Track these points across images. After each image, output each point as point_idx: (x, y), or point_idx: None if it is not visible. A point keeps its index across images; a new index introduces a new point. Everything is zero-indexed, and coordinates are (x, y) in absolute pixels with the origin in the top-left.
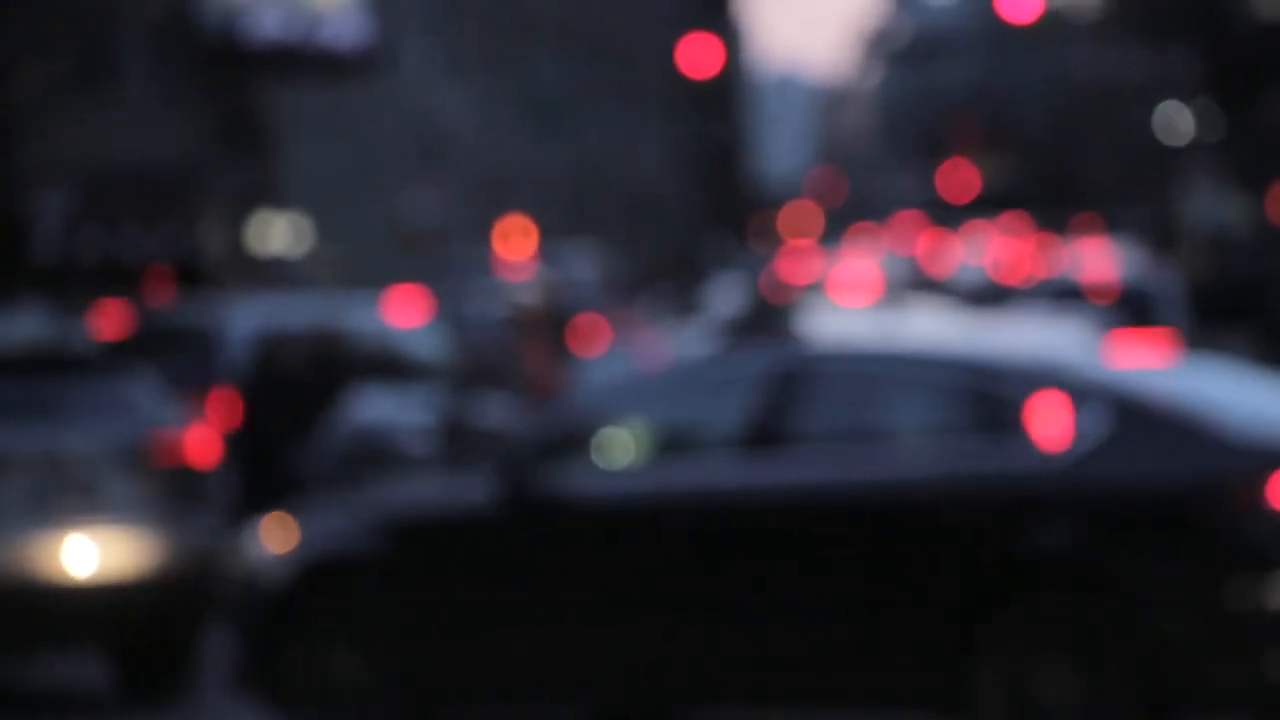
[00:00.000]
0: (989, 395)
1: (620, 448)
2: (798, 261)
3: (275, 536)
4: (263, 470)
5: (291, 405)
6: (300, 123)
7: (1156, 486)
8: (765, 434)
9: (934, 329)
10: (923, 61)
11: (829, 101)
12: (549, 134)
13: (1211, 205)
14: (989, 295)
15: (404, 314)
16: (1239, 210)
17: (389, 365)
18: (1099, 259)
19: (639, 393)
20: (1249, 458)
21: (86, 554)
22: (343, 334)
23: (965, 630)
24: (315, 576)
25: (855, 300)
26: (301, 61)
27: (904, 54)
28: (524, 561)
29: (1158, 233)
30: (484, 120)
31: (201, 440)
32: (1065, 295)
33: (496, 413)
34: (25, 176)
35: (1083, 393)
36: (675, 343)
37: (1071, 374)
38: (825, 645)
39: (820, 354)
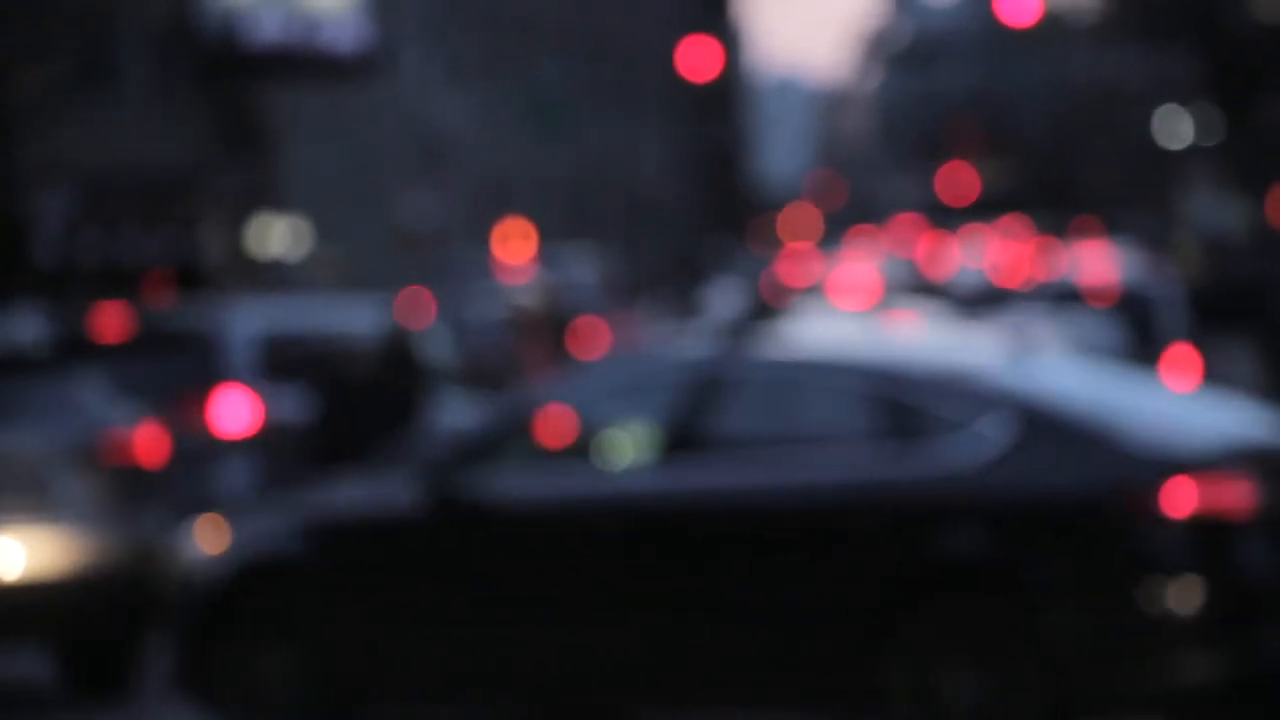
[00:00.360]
0: (900, 402)
1: (621, 447)
2: (797, 264)
3: (208, 537)
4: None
5: (368, 410)
6: (300, 125)
7: (1060, 493)
8: (683, 439)
9: (853, 335)
10: (922, 65)
11: (828, 104)
12: (548, 137)
13: (1211, 208)
14: (988, 298)
15: (403, 317)
16: (1238, 213)
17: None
18: (1098, 262)
19: (561, 397)
20: (1146, 466)
21: (33, 552)
22: (410, 339)
23: (876, 633)
24: (246, 577)
25: (854, 303)
26: (301, 64)
27: (903, 57)
28: (446, 564)
29: (1157, 236)
30: (483, 123)
31: (150, 440)
32: (1064, 298)
33: None
34: (25, 178)
35: (990, 400)
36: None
37: (979, 381)
38: (740, 647)
39: (738, 360)
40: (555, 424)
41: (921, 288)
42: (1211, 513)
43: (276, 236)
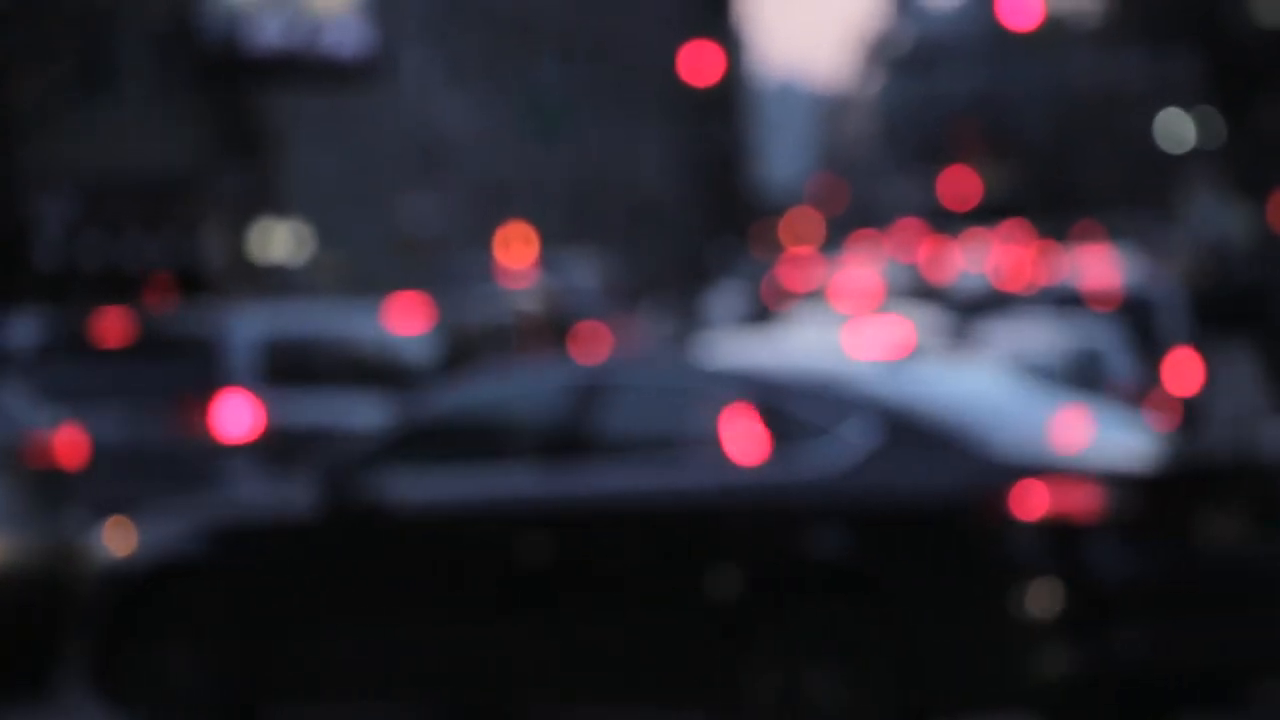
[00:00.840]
0: (769, 408)
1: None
2: (798, 269)
3: (117, 539)
4: None
5: None
6: (301, 129)
7: (918, 497)
8: (568, 443)
9: (733, 344)
10: (924, 69)
11: (830, 108)
12: (550, 141)
13: (1212, 212)
14: (989, 303)
15: (404, 321)
16: (1240, 217)
17: (388, 372)
18: (1100, 266)
19: (454, 404)
20: (999, 470)
21: None
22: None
23: (742, 634)
24: (153, 578)
25: (856, 307)
26: (302, 68)
27: (905, 61)
28: (344, 566)
29: (1159, 240)
30: (485, 127)
31: (69, 442)
32: (1066, 302)
33: None
34: (26, 182)
35: (853, 405)
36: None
37: (845, 388)
38: (616, 647)
39: (616, 368)
40: (451, 428)
41: (923, 292)
42: (1061, 516)
43: (278, 240)
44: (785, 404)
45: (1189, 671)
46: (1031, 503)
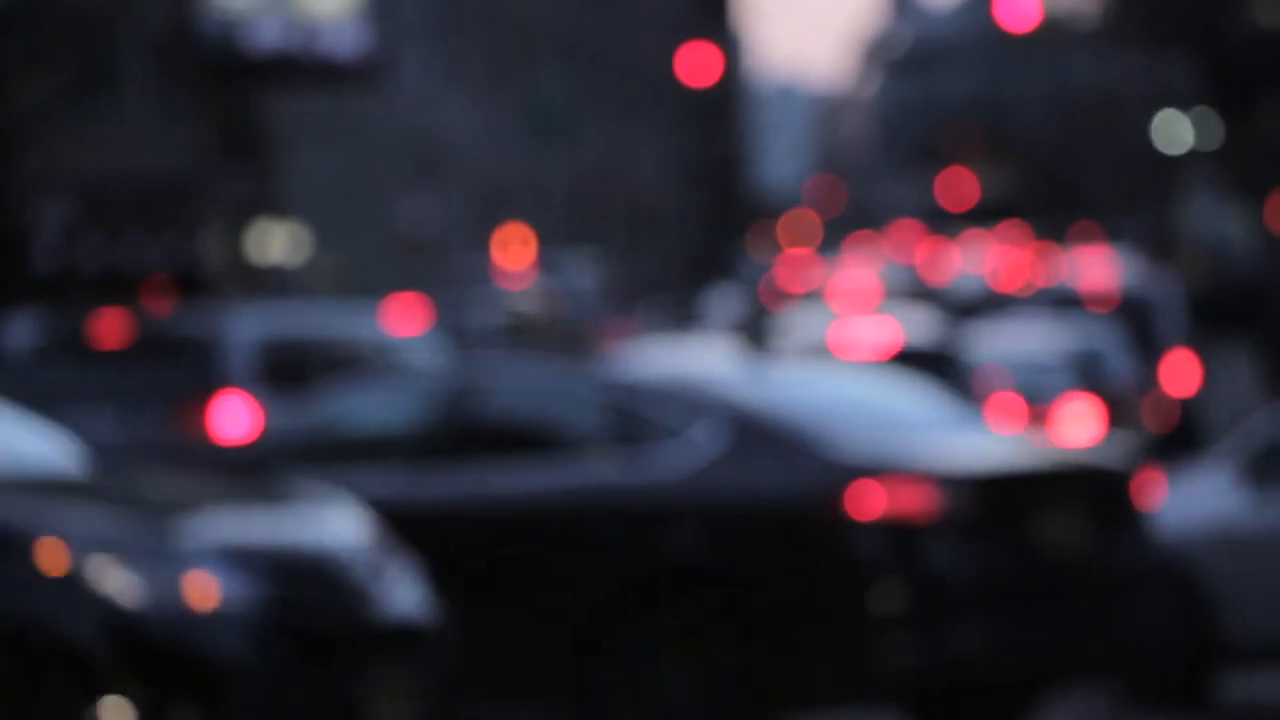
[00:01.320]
0: (628, 411)
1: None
2: (796, 270)
3: None
4: None
5: None
6: (300, 131)
7: (765, 498)
8: (439, 446)
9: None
10: (921, 70)
11: (828, 110)
12: (548, 143)
13: (1210, 214)
14: (987, 304)
15: (403, 323)
16: (1238, 219)
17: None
18: (1098, 267)
19: (337, 409)
20: (838, 471)
21: None
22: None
23: (598, 631)
24: None
25: (854, 309)
26: (301, 71)
27: (903, 63)
28: None
29: (1157, 241)
30: (483, 129)
31: None
32: (1064, 303)
33: None
34: (25, 185)
35: (705, 409)
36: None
37: (696, 392)
38: (481, 644)
39: (486, 373)
40: (335, 433)
41: (921, 293)
42: (898, 515)
43: (276, 243)
44: (640, 408)
45: (1026, 666)
46: (868, 503)
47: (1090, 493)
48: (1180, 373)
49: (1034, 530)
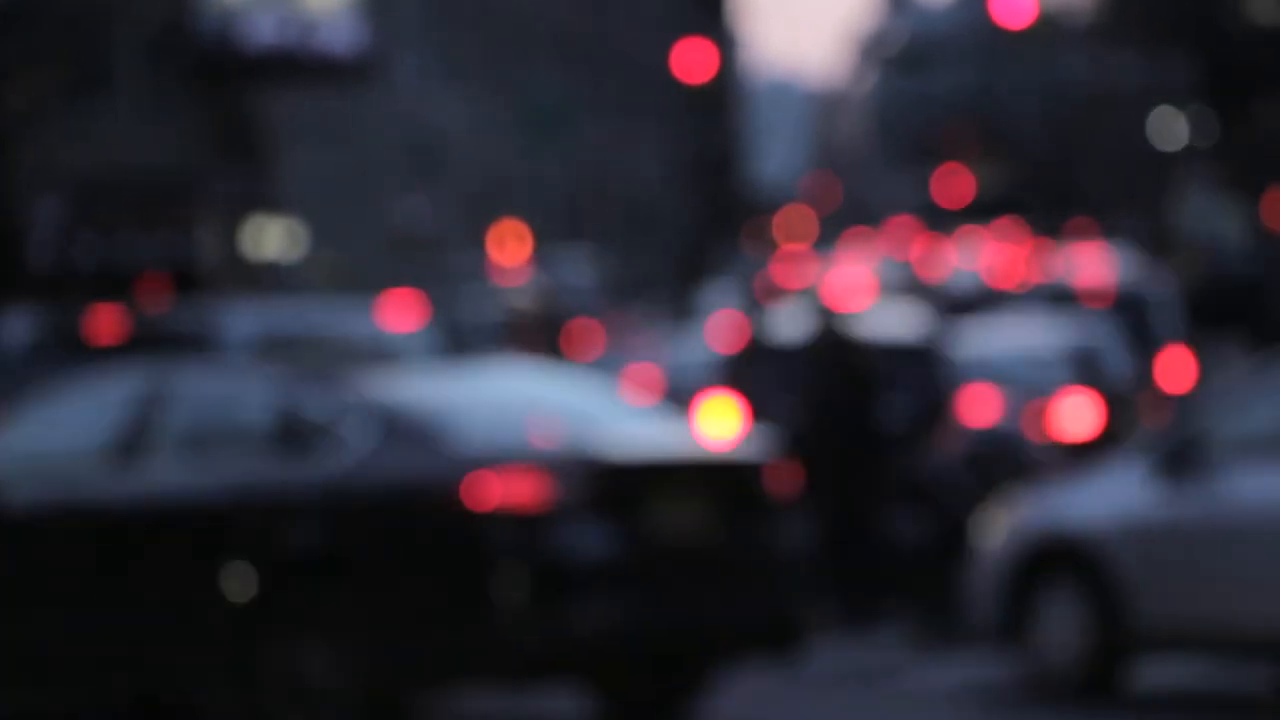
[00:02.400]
0: (289, 411)
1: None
2: (792, 266)
3: None
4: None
5: (861, 414)
6: (295, 128)
7: (401, 490)
8: (128, 446)
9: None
10: (917, 67)
11: (824, 107)
12: (544, 139)
13: (1206, 211)
14: (983, 300)
15: (398, 319)
16: (1234, 216)
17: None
18: (1094, 264)
19: (47, 408)
20: (460, 463)
21: None
22: (866, 343)
23: (255, 616)
24: None
25: (848, 304)
26: (297, 67)
27: (898, 59)
28: None
29: (1152, 238)
30: (479, 125)
31: None
32: (1060, 300)
33: None
34: (21, 183)
35: (357, 407)
36: (669, 347)
37: (351, 390)
38: (146, 633)
39: (167, 374)
40: (45, 431)
41: (917, 289)
42: (519, 503)
43: (272, 239)
44: (300, 407)
45: (646, 646)
46: (485, 492)
47: (718, 483)
48: (1176, 369)
49: (656, 517)
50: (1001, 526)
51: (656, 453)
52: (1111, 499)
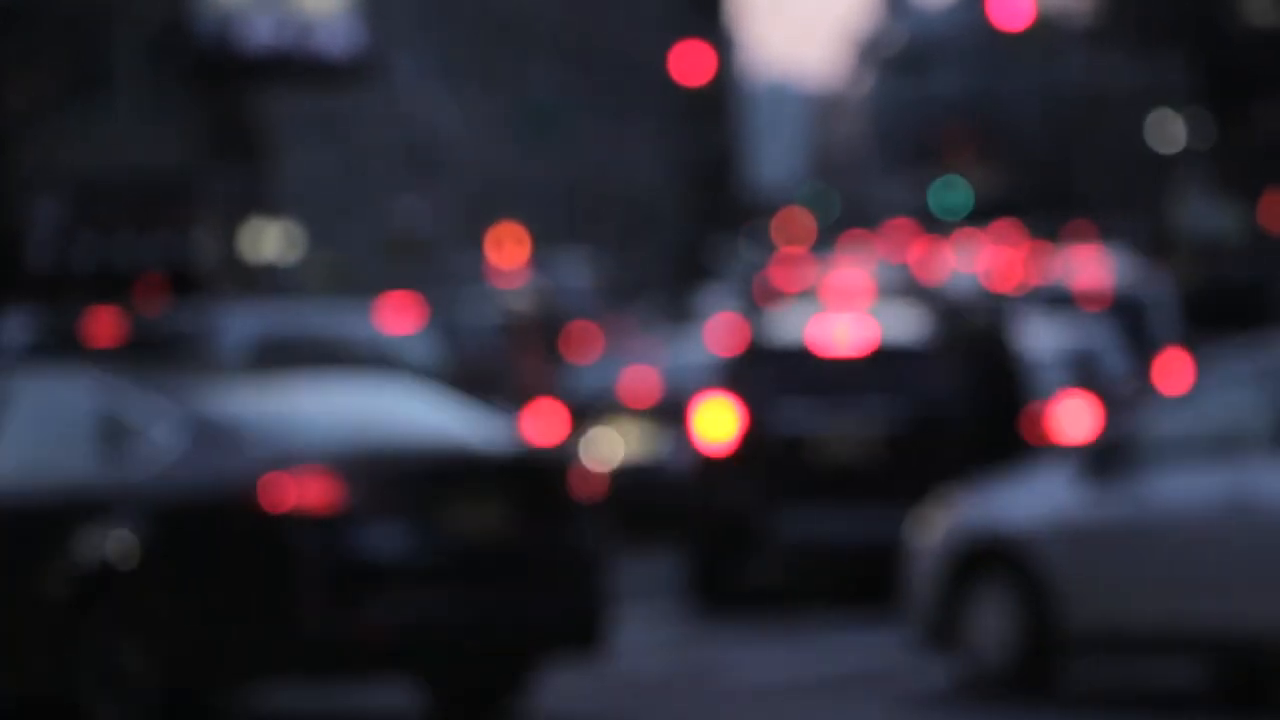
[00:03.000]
0: (109, 417)
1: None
2: (790, 268)
3: None
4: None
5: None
6: (293, 130)
7: (207, 492)
8: None
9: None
10: (915, 69)
11: (821, 109)
12: (542, 141)
13: (1204, 213)
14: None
15: (396, 321)
16: (1231, 217)
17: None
18: (1092, 266)
19: None
20: (259, 466)
21: None
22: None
23: (73, 614)
24: None
25: (846, 307)
26: (294, 68)
27: (896, 62)
28: None
29: (1151, 240)
30: (476, 127)
31: None
32: (1058, 302)
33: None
34: (19, 184)
35: (170, 412)
36: (668, 349)
37: (167, 396)
38: None
39: (9, 378)
40: None
41: (914, 292)
42: (313, 504)
43: (270, 241)
44: (121, 412)
45: (444, 643)
46: (280, 495)
47: (519, 483)
48: (1174, 371)
49: (454, 516)
50: (938, 526)
51: (454, 453)
52: (1041, 500)
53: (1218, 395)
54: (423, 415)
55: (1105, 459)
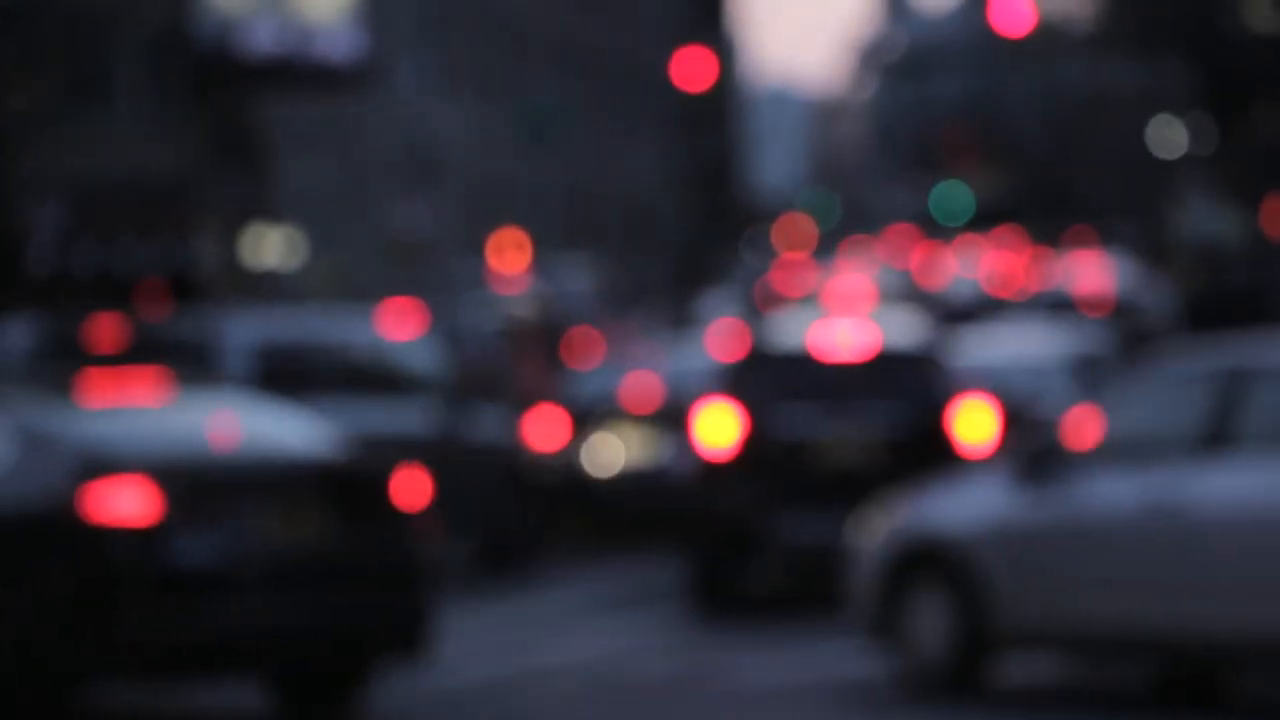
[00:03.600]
0: None
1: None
2: (792, 274)
3: None
4: None
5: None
6: (294, 136)
7: (35, 503)
8: None
9: None
10: (916, 74)
11: (823, 114)
12: (542, 144)
13: (1205, 218)
14: (982, 308)
15: (398, 327)
16: (1232, 222)
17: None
18: (1093, 272)
19: None
20: (77, 476)
21: None
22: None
23: None
24: None
25: (847, 313)
26: (295, 74)
27: (898, 67)
28: None
29: (1151, 246)
30: (478, 133)
31: None
32: (1059, 307)
33: (491, 425)
34: (19, 189)
35: (2, 425)
36: (669, 355)
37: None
38: None
39: None
40: None
41: (916, 297)
42: (123, 513)
43: (271, 247)
44: None
45: (259, 649)
46: (99, 503)
47: (337, 492)
48: None
49: (268, 524)
50: (879, 528)
51: (272, 463)
52: (977, 503)
53: (1149, 399)
54: (249, 426)
55: (1039, 463)
